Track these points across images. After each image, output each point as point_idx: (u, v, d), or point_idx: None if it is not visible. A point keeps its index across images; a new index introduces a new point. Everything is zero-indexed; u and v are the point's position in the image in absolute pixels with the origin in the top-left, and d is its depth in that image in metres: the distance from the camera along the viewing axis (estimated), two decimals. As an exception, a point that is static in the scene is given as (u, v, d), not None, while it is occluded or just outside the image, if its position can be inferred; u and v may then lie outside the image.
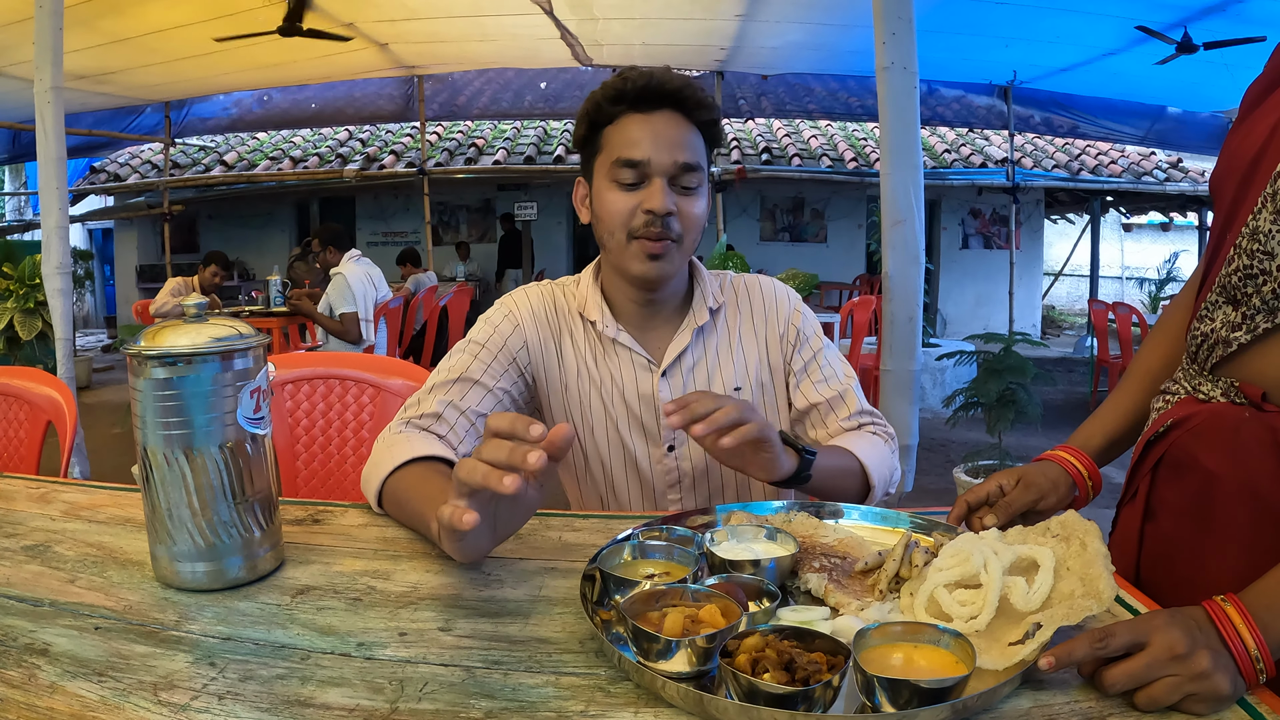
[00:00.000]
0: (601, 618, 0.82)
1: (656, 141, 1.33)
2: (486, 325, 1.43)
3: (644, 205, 1.32)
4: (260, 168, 11.28)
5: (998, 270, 11.80)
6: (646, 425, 1.41)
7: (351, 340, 5.37)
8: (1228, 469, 1.00)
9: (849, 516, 1.10)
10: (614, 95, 1.36)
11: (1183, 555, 1.06)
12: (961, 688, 0.68)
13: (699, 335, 1.44)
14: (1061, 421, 6.98)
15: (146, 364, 0.90)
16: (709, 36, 8.44)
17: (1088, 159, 11.90)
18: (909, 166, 3.49)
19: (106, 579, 0.96)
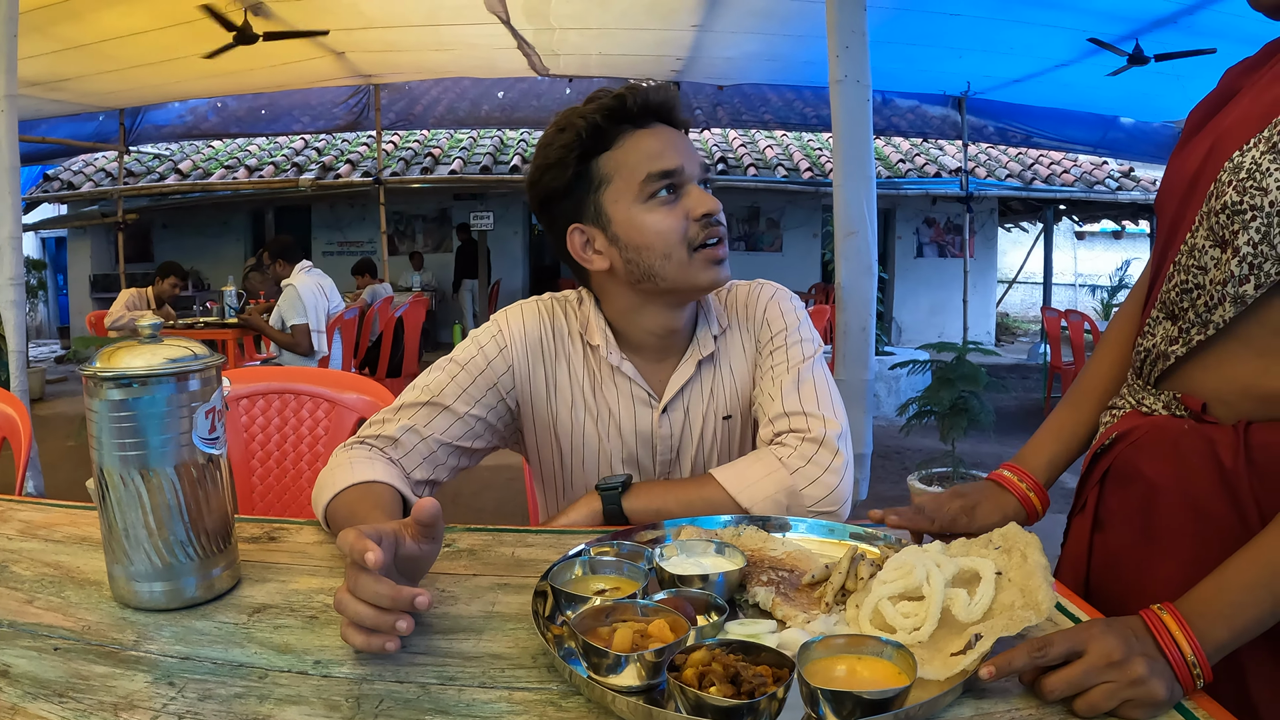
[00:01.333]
0: (553, 633, 0.84)
1: (678, 149, 1.30)
2: (472, 345, 1.39)
3: (695, 212, 1.28)
4: (215, 176, 11.19)
5: (952, 278, 11.98)
6: (642, 461, 1.39)
7: (302, 352, 5.34)
8: (1169, 480, 1.05)
9: (797, 530, 1.13)
10: (612, 114, 1.29)
11: (1129, 564, 1.10)
12: (904, 698, 0.71)
13: (700, 367, 1.40)
14: (1016, 428, 7.11)
15: (102, 385, 0.91)
16: (665, 47, 8.51)
17: (1041, 168, 12.15)
18: (862, 178, 3.55)
19: (64, 599, 0.96)
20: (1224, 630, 0.83)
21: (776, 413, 1.32)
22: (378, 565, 0.79)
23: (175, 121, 10.45)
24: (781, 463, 1.26)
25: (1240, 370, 0.98)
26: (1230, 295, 0.96)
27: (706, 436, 1.40)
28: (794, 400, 1.32)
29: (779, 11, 7.08)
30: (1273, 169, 0.91)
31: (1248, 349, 0.97)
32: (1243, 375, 0.98)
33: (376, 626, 0.79)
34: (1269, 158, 0.92)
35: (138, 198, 11.01)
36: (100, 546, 1.09)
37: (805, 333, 1.40)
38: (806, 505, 1.23)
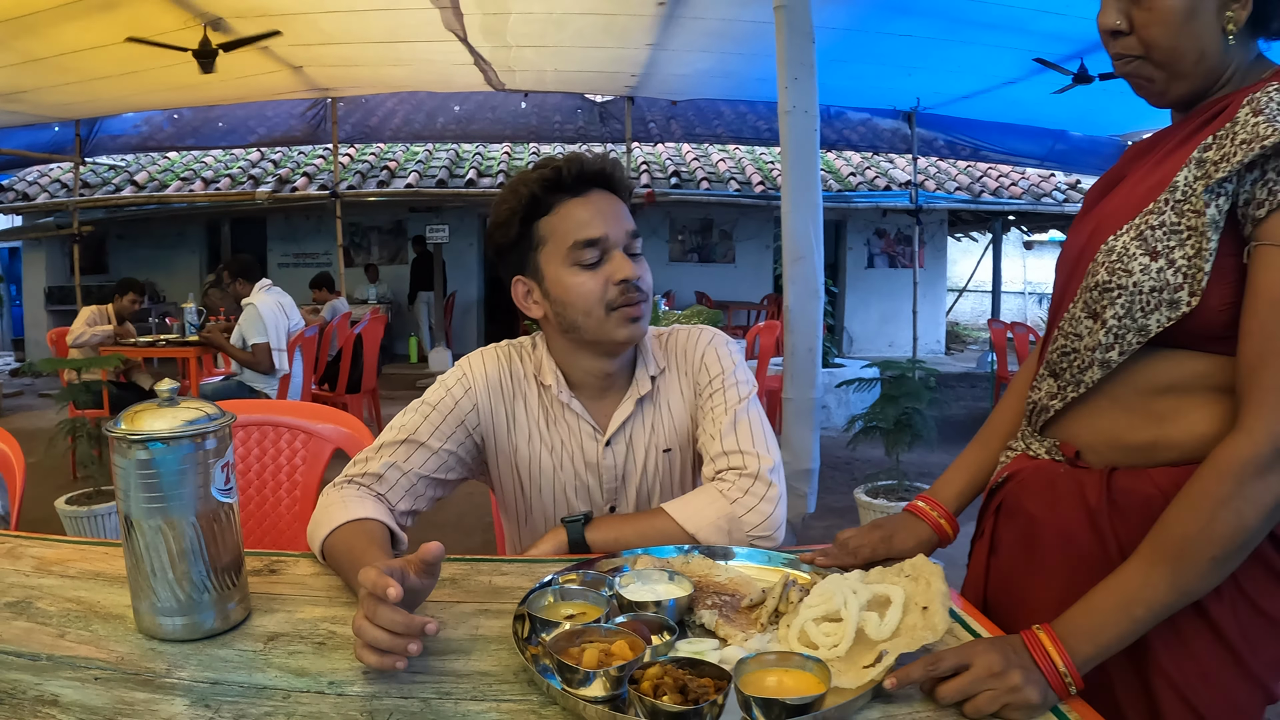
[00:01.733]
0: (531, 653, 0.99)
1: (605, 217, 1.45)
2: (440, 388, 1.54)
3: (614, 277, 1.43)
4: (172, 188, 11.17)
5: (902, 288, 12.26)
6: (590, 487, 1.55)
7: (263, 370, 5.43)
8: (1047, 516, 1.23)
9: (739, 558, 1.29)
10: (550, 184, 1.45)
11: (1016, 585, 1.28)
12: (820, 703, 0.87)
13: (640, 405, 1.55)
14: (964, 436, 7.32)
15: (130, 446, 1.04)
16: (620, 64, 8.66)
17: (989, 181, 12.45)
18: (809, 205, 3.72)
19: (93, 632, 1.08)
20: (1090, 646, 0.99)
21: (717, 451, 1.48)
22: (398, 599, 0.93)
23: (130, 132, 10.44)
24: (722, 494, 1.42)
25: (1107, 424, 1.17)
26: (1098, 360, 1.14)
27: (649, 467, 1.56)
28: (732, 440, 1.48)
29: (732, 32, 7.26)
30: (1138, 254, 1.09)
31: (1115, 406, 1.16)
32: (1109, 428, 1.17)
33: (391, 649, 0.93)
34: (1136, 244, 1.10)
35: (93, 209, 10.94)
36: (116, 582, 1.23)
37: (740, 375, 1.56)
38: (745, 531, 1.39)
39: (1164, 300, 1.08)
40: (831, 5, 6.26)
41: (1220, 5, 1.09)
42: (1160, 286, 1.08)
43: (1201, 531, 0.99)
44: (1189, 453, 1.09)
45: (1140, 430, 1.14)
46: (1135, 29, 1.13)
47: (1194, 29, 1.10)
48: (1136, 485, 1.13)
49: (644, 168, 11.90)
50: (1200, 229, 1.06)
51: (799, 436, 3.69)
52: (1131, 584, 1.02)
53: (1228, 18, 1.09)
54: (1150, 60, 1.14)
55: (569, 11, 6.91)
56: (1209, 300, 1.06)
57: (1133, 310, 1.10)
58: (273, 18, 6.69)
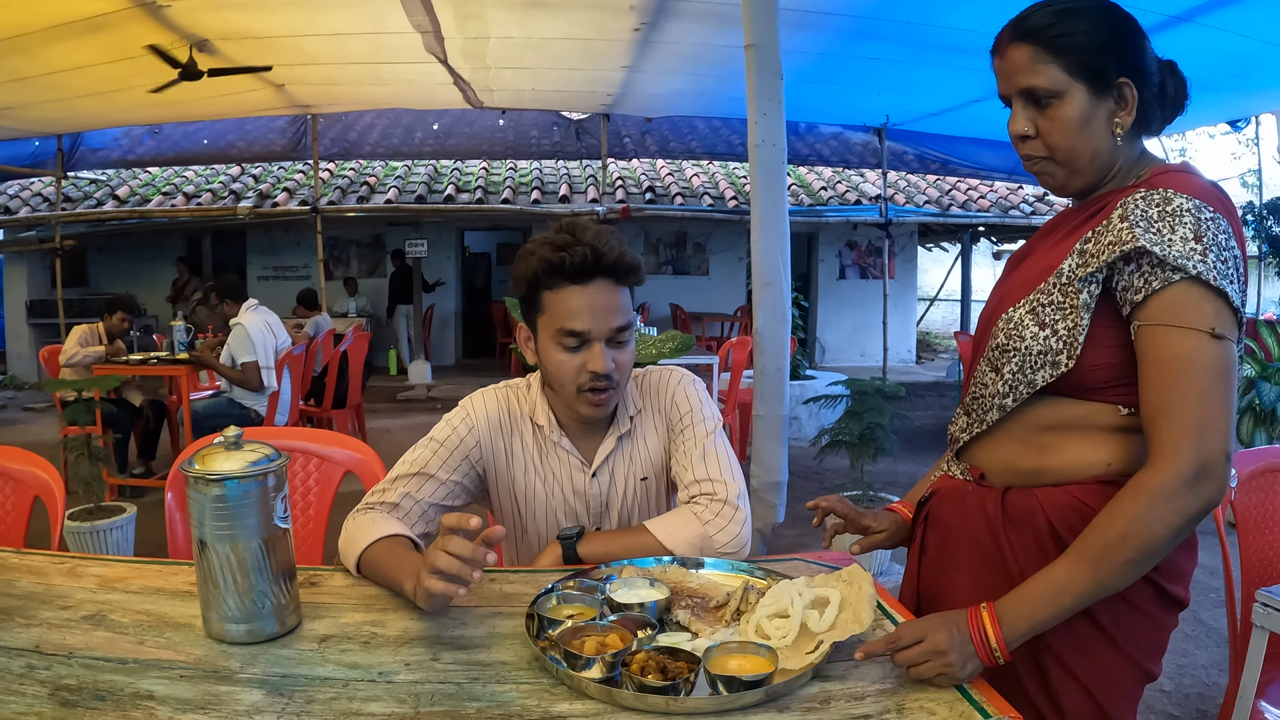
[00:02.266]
0: (540, 645, 1.22)
1: (594, 313, 1.60)
2: (446, 426, 1.77)
3: (588, 366, 1.62)
4: (154, 203, 11.27)
5: (874, 299, 12.49)
6: (579, 513, 1.79)
7: (253, 388, 5.63)
8: (959, 525, 1.52)
9: (708, 567, 1.53)
10: (552, 269, 1.60)
11: (939, 579, 1.57)
12: (770, 679, 1.12)
13: (620, 441, 1.79)
14: (933, 445, 7.59)
15: (208, 485, 1.26)
16: (597, 84, 8.87)
17: (958, 194, 12.70)
18: (777, 235, 3.94)
19: (168, 639, 1.28)
20: (1024, 623, 1.24)
21: (690, 480, 1.72)
22: (478, 526, 1.20)
23: (111, 145, 10.54)
24: (696, 516, 1.65)
25: (1003, 453, 1.47)
26: (997, 405, 1.43)
27: (629, 494, 1.80)
28: (702, 469, 1.72)
29: (706, 55, 7.48)
30: (1030, 324, 1.38)
31: (1010, 439, 1.45)
32: (1005, 456, 1.46)
33: (458, 574, 1.19)
34: (1029, 316, 1.39)
35: (75, 223, 11.04)
36: (176, 595, 1.45)
37: (706, 412, 1.80)
38: (716, 547, 1.63)
39: (1048, 361, 1.36)
40: (803, 31, 6.50)
41: (1109, 114, 1.37)
42: (1045, 350, 1.36)
43: (1119, 539, 1.23)
44: (1065, 477, 1.39)
45: (1028, 459, 1.43)
46: (1040, 134, 1.41)
47: (1088, 134, 1.38)
48: (1024, 501, 1.42)
49: (619, 183, 12.13)
50: (1077, 307, 1.33)
51: (768, 451, 3.92)
52: (1060, 577, 1.26)
53: (1116, 123, 1.38)
54: (1053, 160, 1.42)
55: (547, 36, 7.11)
56: (1084, 361, 1.33)
57: (1024, 368, 1.39)
58: (258, 40, 6.87)
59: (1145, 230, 1.26)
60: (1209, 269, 1.23)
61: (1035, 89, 1.38)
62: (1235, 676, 2.00)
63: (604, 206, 10.78)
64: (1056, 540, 1.37)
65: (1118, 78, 1.35)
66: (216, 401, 5.79)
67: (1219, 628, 3.78)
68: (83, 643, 1.26)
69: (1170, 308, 1.25)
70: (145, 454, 6.32)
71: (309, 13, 6.30)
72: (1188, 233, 1.25)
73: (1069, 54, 1.35)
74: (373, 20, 6.47)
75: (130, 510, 4.44)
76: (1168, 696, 3.23)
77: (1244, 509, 2.18)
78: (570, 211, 10.81)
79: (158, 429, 6.42)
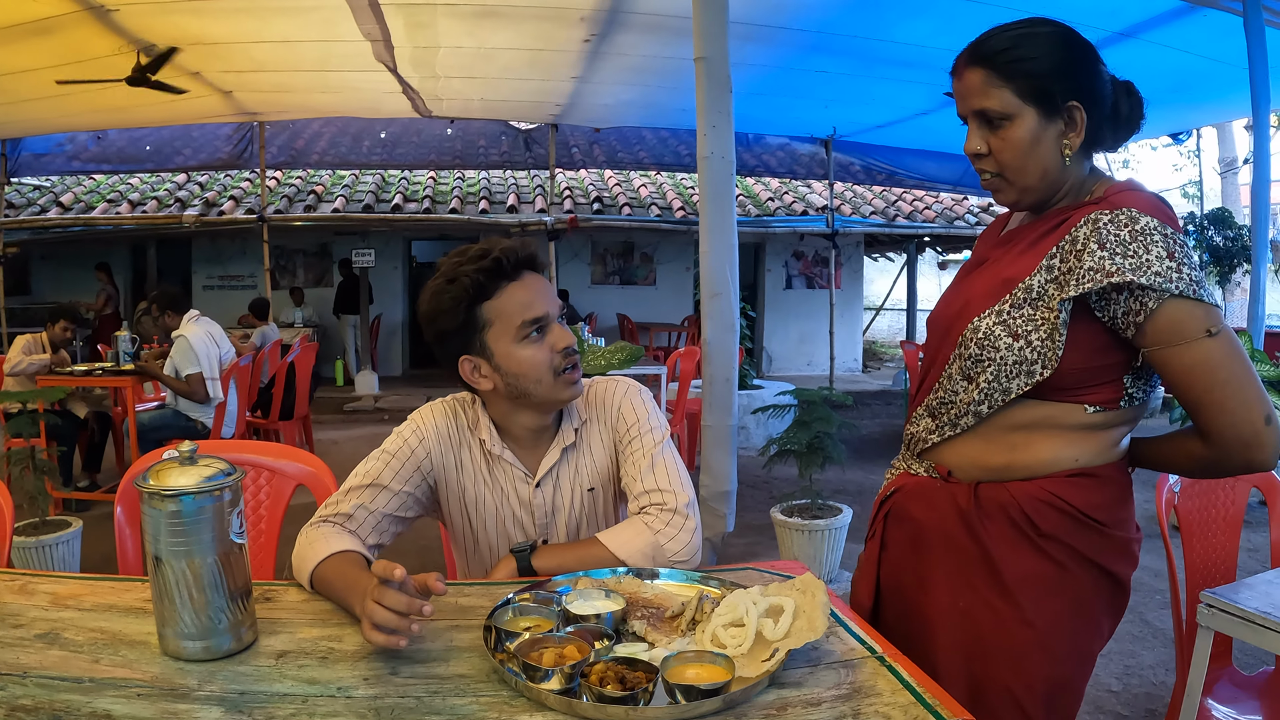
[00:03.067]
0: (499, 658, 1.23)
1: (542, 297, 1.69)
2: (398, 438, 1.78)
3: (557, 346, 1.68)
4: (98, 210, 11.06)
5: (820, 308, 12.68)
6: (524, 523, 1.81)
7: (199, 399, 5.57)
8: (929, 518, 1.59)
9: (662, 578, 1.56)
10: (491, 274, 1.65)
11: (908, 573, 1.63)
12: (728, 688, 1.14)
13: (565, 452, 1.81)
14: (880, 452, 7.69)
15: (164, 500, 1.26)
16: (545, 94, 8.91)
17: (904, 205, 12.92)
18: (725, 246, 3.99)
19: (123, 657, 1.27)
20: None
21: (640, 490, 1.74)
22: (403, 578, 1.22)
23: (55, 150, 10.34)
24: (647, 526, 1.68)
25: (972, 451, 1.54)
26: (972, 411, 1.51)
27: (575, 505, 1.83)
28: (651, 480, 1.74)
29: (654, 67, 7.56)
30: (1002, 335, 1.45)
31: (979, 438, 1.53)
32: (974, 454, 1.54)
33: (396, 627, 1.20)
34: (999, 327, 1.46)
35: (18, 230, 10.78)
36: (130, 612, 1.44)
37: (653, 422, 1.83)
38: (668, 556, 1.66)
39: (1023, 370, 1.45)
40: (753, 44, 6.60)
41: (1058, 135, 1.46)
42: (1020, 360, 1.44)
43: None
44: (1035, 472, 1.48)
45: (998, 456, 1.51)
46: (993, 152, 1.50)
47: (1038, 154, 1.47)
48: (996, 494, 1.50)
49: (567, 193, 12.16)
50: (1053, 322, 1.42)
51: (717, 461, 3.96)
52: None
53: (1065, 144, 1.47)
54: (1004, 177, 1.51)
55: (497, 46, 7.13)
56: (1061, 366, 1.42)
57: (1000, 377, 1.47)
58: (207, 46, 6.82)
59: (1124, 258, 1.36)
60: (1187, 285, 1.35)
61: (988, 111, 1.46)
62: (1182, 676, 2.07)
63: (551, 216, 10.80)
64: (1034, 529, 1.47)
65: (1067, 101, 1.43)
66: (162, 413, 5.70)
67: (1164, 629, 3.89)
68: (37, 662, 1.25)
69: (1168, 330, 1.37)
70: (90, 466, 6.20)
71: (259, 20, 6.26)
72: (1161, 252, 1.35)
73: (1020, 78, 1.43)
74: (323, 28, 6.44)
75: (76, 524, 4.35)
76: (1116, 697, 3.32)
77: (1187, 513, 2.26)
78: (517, 221, 10.80)
79: (102, 441, 6.31)
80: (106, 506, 5.30)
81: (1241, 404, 1.37)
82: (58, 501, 5.54)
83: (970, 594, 1.52)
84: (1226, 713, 2.09)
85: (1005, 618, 1.49)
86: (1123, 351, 1.45)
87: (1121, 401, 1.48)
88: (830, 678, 1.22)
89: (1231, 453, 1.40)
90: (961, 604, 1.53)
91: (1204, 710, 2.03)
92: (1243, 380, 1.37)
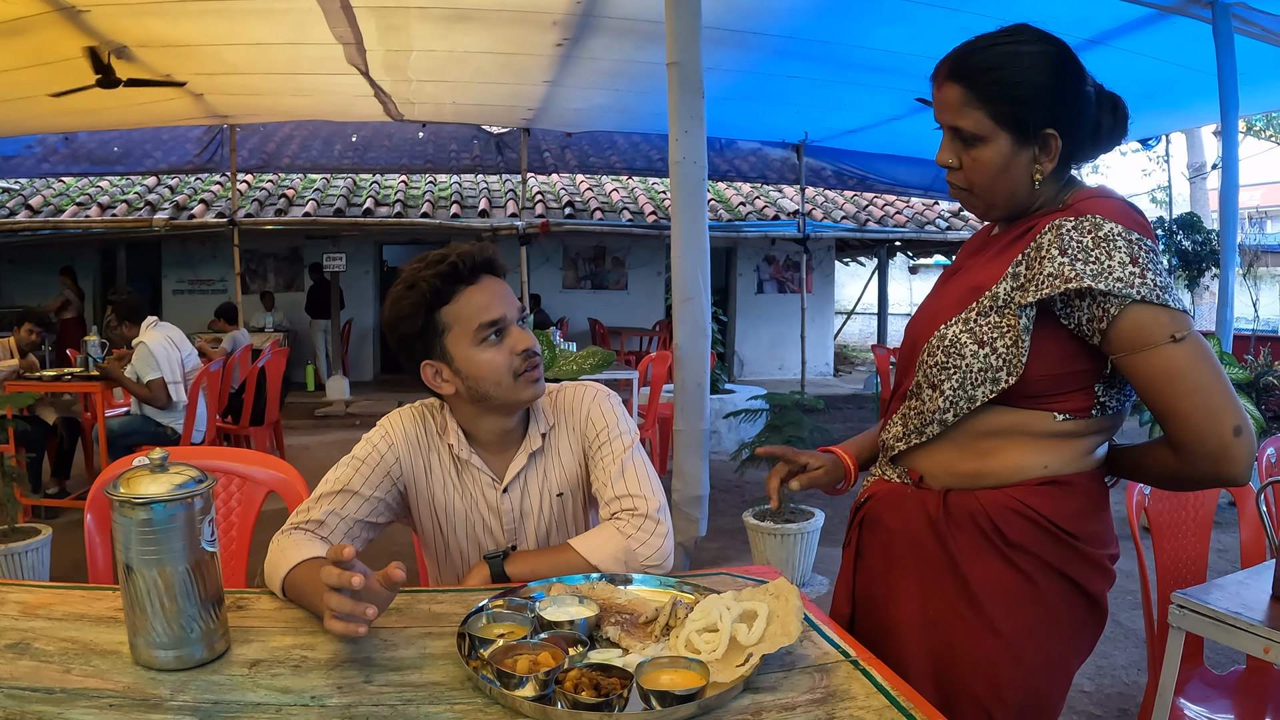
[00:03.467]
0: (473, 665, 1.23)
1: (500, 300, 1.70)
2: (367, 444, 1.78)
3: (516, 348, 1.69)
4: (68, 213, 10.93)
5: (792, 313, 12.72)
6: (493, 528, 1.81)
7: (160, 405, 5.53)
8: (900, 526, 1.59)
9: (636, 583, 1.56)
10: (448, 277, 1.66)
11: (880, 579, 1.64)
12: (702, 693, 1.14)
13: (533, 457, 1.81)
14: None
15: (135, 508, 1.25)
16: (517, 99, 8.91)
17: (875, 209, 13.03)
18: (697, 251, 4.01)
19: (95, 667, 1.26)
20: None
21: (610, 496, 1.75)
22: (351, 555, 1.24)
23: (24, 153, 10.19)
24: (619, 531, 1.69)
25: (943, 457, 1.54)
26: (938, 420, 1.51)
27: (544, 510, 1.83)
28: (622, 485, 1.75)
29: (627, 71, 7.57)
30: (968, 342, 1.46)
31: (950, 445, 1.53)
32: (945, 461, 1.54)
33: (351, 613, 1.21)
34: (965, 335, 1.46)
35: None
36: (101, 622, 1.42)
37: (623, 427, 1.84)
38: (640, 561, 1.67)
39: (988, 378, 1.44)
40: (725, 49, 6.63)
41: (1030, 160, 1.46)
42: (986, 368, 1.44)
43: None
44: (1004, 480, 1.48)
45: (968, 463, 1.51)
46: (963, 168, 1.49)
47: (1007, 177, 1.47)
48: (965, 502, 1.50)
49: (539, 198, 12.16)
50: (1016, 329, 1.42)
51: (690, 465, 3.97)
52: None
53: (1036, 169, 1.46)
54: (972, 193, 1.52)
55: (470, 50, 7.12)
56: (1027, 373, 1.42)
57: (965, 384, 1.46)
58: (178, 48, 6.77)
59: (1085, 264, 1.35)
60: (1150, 290, 1.33)
61: (962, 130, 1.47)
62: (1155, 676, 2.11)
63: (523, 221, 10.79)
64: (1001, 538, 1.46)
65: (1043, 129, 1.43)
66: (131, 419, 5.65)
67: (1136, 629, 3.94)
68: (8, 672, 1.23)
69: (1131, 336, 1.36)
70: (59, 473, 6.13)
71: (230, 22, 6.22)
72: (1124, 257, 1.34)
73: (997, 102, 1.43)
74: (295, 31, 6.41)
75: (46, 532, 4.30)
76: (1088, 697, 3.37)
77: (1157, 514, 2.30)
78: (489, 225, 10.79)
79: (72, 447, 6.24)
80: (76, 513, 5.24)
81: (1208, 414, 1.34)
82: (27, 509, 5.47)
83: (940, 602, 1.52)
84: (1199, 712, 2.13)
85: (974, 627, 1.49)
86: (1092, 359, 1.44)
87: (1093, 410, 1.47)
88: (804, 682, 1.23)
89: (1200, 464, 1.37)
90: (931, 612, 1.53)
91: (1176, 710, 2.06)
92: (1210, 389, 1.35)
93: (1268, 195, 22.67)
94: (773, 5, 6.01)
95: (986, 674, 1.47)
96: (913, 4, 5.50)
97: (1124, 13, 5.61)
